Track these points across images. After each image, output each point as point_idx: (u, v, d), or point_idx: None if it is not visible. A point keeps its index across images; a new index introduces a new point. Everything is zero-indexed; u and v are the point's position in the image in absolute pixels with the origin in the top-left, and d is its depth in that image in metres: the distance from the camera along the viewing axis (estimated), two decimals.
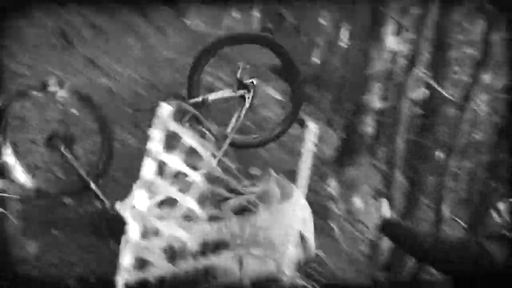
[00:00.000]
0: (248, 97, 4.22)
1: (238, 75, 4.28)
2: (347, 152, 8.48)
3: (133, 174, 2.34)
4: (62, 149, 4.22)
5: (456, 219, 18.22)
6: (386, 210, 4.24)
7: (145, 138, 2.40)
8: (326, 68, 15.51)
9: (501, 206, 3.78)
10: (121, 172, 6.46)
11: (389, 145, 6.49)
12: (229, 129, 4.73)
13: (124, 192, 2.40)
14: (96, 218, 3.37)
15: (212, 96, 4.40)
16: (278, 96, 11.77)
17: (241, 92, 4.36)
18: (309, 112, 12.54)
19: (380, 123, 11.51)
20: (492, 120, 13.84)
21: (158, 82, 9.95)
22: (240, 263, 4.49)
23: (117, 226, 3.03)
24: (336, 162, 8.66)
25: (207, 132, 2.35)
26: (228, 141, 4.46)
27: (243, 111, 4.03)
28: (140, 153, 2.40)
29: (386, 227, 4.07)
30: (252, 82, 4.34)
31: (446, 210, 5.61)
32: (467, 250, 3.68)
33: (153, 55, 10.42)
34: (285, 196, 4.63)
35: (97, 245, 4.97)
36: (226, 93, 4.48)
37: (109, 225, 3.30)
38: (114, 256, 2.41)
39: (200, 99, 4.33)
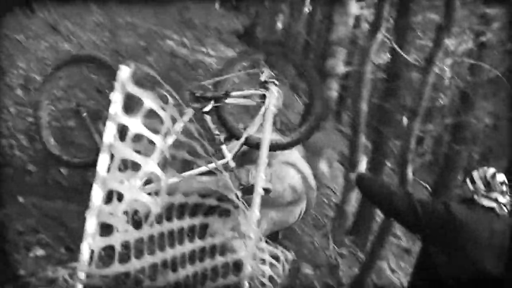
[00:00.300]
0: (268, 97, 4.39)
1: (262, 78, 4.52)
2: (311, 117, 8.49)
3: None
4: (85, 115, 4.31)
5: (421, 182, 18.52)
6: (363, 166, 4.39)
7: (109, 102, 2.38)
8: (290, 34, 15.48)
9: (475, 174, 3.90)
10: (84, 138, 6.41)
11: (353, 109, 6.50)
12: (251, 130, 4.92)
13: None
14: None
15: (234, 92, 4.66)
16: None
17: (262, 91, 4.83)
18: (273, 77, 12.54)
19: (344, 87, 11.56)
20: (456, 84, 14.00)
21: (120, 47, 9.84)
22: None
23: None
24: (300, 126, 8.67)
25: (168, 95, 2.32)
26: (242, 140, 4.63)
27: (264, 111, 4.08)
28: (104, 118, 2.37)
29: (361, 180, 4.23)
30: (274, 83, 4.52)
31: (410, 174, 5.66)
32: (435, 210, 3.81)
33: (115, 20, 10.29)
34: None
35: (63, 211, 4.96)
36: (248, 92, 4.72)
37: None
38: (82, 224, 2.39)
39: (223, 92, 4.60)
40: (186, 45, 11.46)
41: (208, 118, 4.37)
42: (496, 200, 3.76)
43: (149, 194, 2.42)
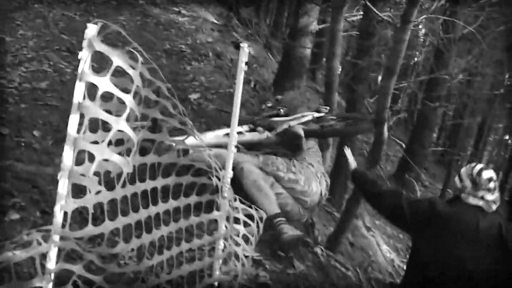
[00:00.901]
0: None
1: None
2: (285, 75, 8.48)
3: (69, 101, 2.28)
4: None
5: (396, 140, 18.69)
6: (351, 160, 4.66)
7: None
8: None
9: (463, 171, 3.95)
10: (57, 100, 6.35)
11: (327, 67, 6.48)
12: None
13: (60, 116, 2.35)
14: None
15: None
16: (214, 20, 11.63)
17: None
18: (247, 36, 12.47)
19: (318, 45, 11.52)
20: (430, 41, 14.03)
21: (90, 7, 9.72)
22: None
23: None
24: (275, 86, 8.67)
25: (135, 52, 2.28)
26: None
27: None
28: (74, 79, 2.33)
29: (354, 177, 4.49)
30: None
31: (386, 132, 5.68)
32: (421, 208, 3.93)
33: None
34: None
35: (38, 174, 4.92)
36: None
37: None
38: (56, 187, 2.37)
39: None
40: (158, 4, 11.31)
41: None
42: (482, 198, 3.77)
43: (121, 154, 2.39)
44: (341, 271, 5.79)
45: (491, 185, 3.78)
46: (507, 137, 31.08)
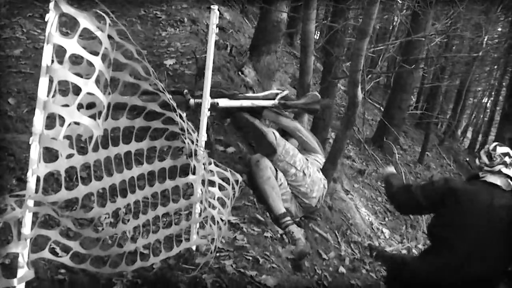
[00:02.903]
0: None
1: None
2: (262, 40, 8.45)
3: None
4: None
5: (374, 103, 18.76)
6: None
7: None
8: None
9: (482, 151, 4.08)
10: (31, 67, 6.30)
11: (302, 31, 6.47)
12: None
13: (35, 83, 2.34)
14: None
15: None
16: None
17: None
18: (224, 1, 12.37)
19: (295, 9, 11.47)
20: (408, 4, 14.01)
21: None
22: None
23: None
24: (251, 50, 8.64)
25: (105, 15, 2.26)
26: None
27: None
28: None
29: (384, 181, 4.57)
30: None
31: (360, 95, 5.70)
32: (435, 187, 4.05)
33: None
34: None
35: (13, 142, 4.90)
36: None
37: None
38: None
39: None
40: None
41: None
42: (500, 172, 3.87)
43: (92, 117, 2.39)
44: (320, 234, 5.85)
45: (507, 159, 3.89)
46: (485, 100, 31.34)
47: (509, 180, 3.87)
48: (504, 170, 3.88)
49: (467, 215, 3.84)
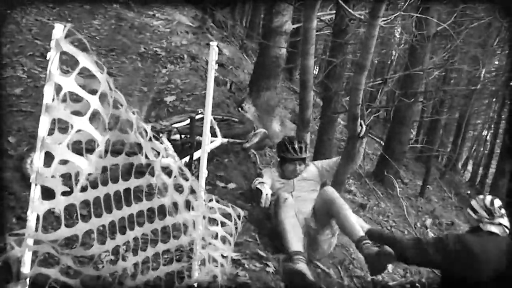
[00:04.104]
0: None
1: None
2: (261, 76, 8.50)
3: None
4: None
5: (375, 138, 18.78)
6: (363, 225, 4.91)
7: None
8: None
9: (475, 204, 4.34)
10: (31, 106, 6.32)
11: (301, 66, 6.50)
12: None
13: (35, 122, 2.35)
14: None
15: None
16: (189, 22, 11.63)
17: None
18: (223, 38, 12.48)
19: (294, 45, 11.55)
20: (405, 39, 14.11)
21: (64, 11, 9.67)
22: None
23: None
24: (251, 86, 8.68)
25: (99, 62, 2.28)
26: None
27: None
28: None
29: (372, 237, 4.63)
30: None
31: (363, 125, 5.71)
32: (449, 245, 4.21)
33: None
34: None
35: (13, 180, 4.89)
36: None
37: None
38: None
39: None
40: (132, 8, 11.30)
41: None
42: (500, 224, 4.28)
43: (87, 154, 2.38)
44: (322, 269, 5.80)
45: (503, 211, 4.33)
46: (485, 132, 31.37)
47: (505, 228, 4.30)
48: (503, 221, 4.30)
49: (482, 265, 4.15)
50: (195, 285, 3.92)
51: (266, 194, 5.23)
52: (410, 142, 17.92)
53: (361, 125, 5.57)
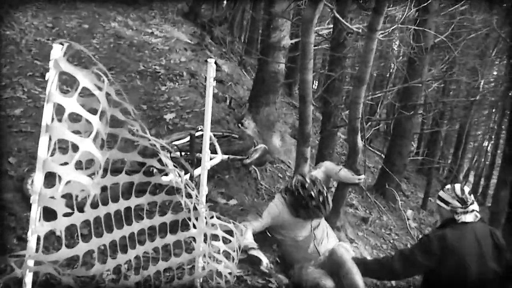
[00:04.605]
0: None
1: None
2: (261, 91, 8.51)
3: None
4: None
5: (375, 151, 18.78)
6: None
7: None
8: (235, 9, 15.45)
9: (445, 195, 4.48)
10: (31, 126, 6.33)
11: (300, 81, 6.52)
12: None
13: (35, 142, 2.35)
14: None
15: None
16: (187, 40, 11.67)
17: None
18: (221, 54, 12.51)
19: (293, 60, 11.58)
20: (404, 51, 14.16)
21: (63, 31, 9.70)
22: None
23: None
24: (250, 102, 8.69)
25: (101, 74, 2.28)
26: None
27: None
28: None
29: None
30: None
31: (360, 142, 5.72)
32: (430, 245, 4.20)
33: (57, 3, 10.19)
34: None
35: (14, 201, 4.89)
36: None
37: None
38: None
39: None
40: (131, 26, 11.35)
41: None
42: (473, 211, 4.24)
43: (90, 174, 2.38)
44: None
45: (472, 196, 4.28)
46: (486, 143, 31.37)
47: (476, 213, 4.26)
48: (475, 207, 4.27)
49: (466, 258, 4.12)
50: None
51: (267, 263, 4.77)
52: (410, 155, 17.93)
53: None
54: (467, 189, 4.31)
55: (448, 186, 4.41)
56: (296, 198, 5.06)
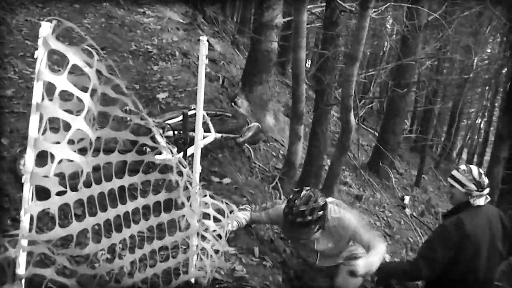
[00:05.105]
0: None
1: None
2: (253, 70, 8.48)
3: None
4: None
5: (368, 129, 18.79)
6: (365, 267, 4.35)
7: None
8: None
9: (461, 177, 4.25)
10: (23, 106, 6.29)
11: (293, 59, 6.49)
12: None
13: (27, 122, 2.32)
14: None
15: None
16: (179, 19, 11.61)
17: None
18: (214, 33, 12.45)
19: (286, 38, 11.52)
20: (397, 30, 14.12)
21: (53, 11, 9.63)
22: None
23: None
24: (243, 81, 8.66)
25: (91, 49, 2.26)
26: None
27: None
28: None
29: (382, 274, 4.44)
30: None
31: (353, 120, 5.72)
32: (448, 233, 4.16)
33: None
34: None
35: (7, 182, 4.87)
36: None
37: None
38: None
39: None
40: (122, 6, 11.27)
41: None
42: (486, 195, 4.18)
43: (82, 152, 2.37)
44: None
45: (486, 180, 4.18)
46: (479, 121, 31.44)
47: (487, 196, 4.21)
48: (487, 191, 4.19)
49: (481, 243, 4.08)
50: (192, 280, 3.92)
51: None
52: (404, 133, 17.94)
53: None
54: (482, 171, 4.22)
55: (464, 168, 4.26)
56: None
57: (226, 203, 3.74)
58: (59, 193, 2.41)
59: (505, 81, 20.21)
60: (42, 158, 2.30)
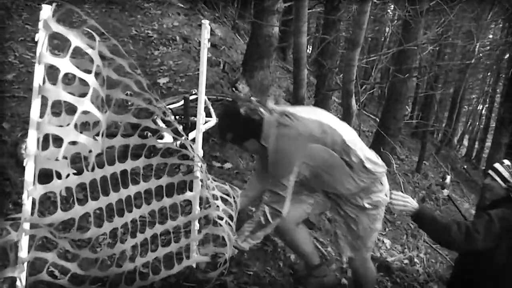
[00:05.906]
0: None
1: None
2: (254, 55, 8.46)
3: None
4: None
5: (369, 114, 18.78)
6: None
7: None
8: None
9: (504, 172, 4.21)
10: (24, 91, 6.29)
11: (294, 44, 6.48)
12: None
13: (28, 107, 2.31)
14: None
15: None
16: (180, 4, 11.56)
17: None
18: (214, 18, 12.41)
19: (287, 23, 11.49)
20: (398, 15, 14.06)
21: None
22: None
23: None
24: (244, 66, 8.64)
25: (94, 34, 2.25)
26: None
27: None
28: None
29: (416, 218, 4.32)
30: None
31: (354, 105, 5.71)
32: (491, 226, 4.08)
33: None
34: None
35: (8, 166, 4.88)
36: None
37: None
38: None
39: None
40: None
41: None
42: None
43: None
44: (320, 246, 5.81)
45: None
46: (480, 107, 31.41)
47: None
48: None
49: None
50: (194, 265, 3.93)
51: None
52: (405, 118, 17.92)
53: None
54: None
55: (508, 163, 4.18)
56: None
57: (230, 186, 3.72)
58: (61, 177, 2.41)
59: (506, 67, 20.20)
60: (44, 142, 2.29)
